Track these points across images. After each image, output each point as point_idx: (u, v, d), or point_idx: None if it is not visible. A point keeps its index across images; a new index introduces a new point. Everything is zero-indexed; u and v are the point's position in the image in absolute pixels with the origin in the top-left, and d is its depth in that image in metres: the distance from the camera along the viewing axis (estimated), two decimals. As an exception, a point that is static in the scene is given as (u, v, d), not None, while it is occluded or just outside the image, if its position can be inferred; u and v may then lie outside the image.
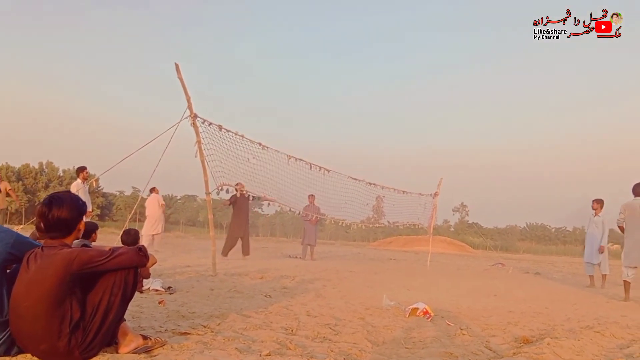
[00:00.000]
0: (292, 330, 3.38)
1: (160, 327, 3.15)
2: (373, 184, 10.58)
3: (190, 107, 6.77)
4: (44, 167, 42.84)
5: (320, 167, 9.12)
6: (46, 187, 39.90)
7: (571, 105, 76.89)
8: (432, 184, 12.43)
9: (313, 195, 11.03)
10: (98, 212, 40.06)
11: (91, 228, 4.01)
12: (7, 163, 39.72)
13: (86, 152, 59.76)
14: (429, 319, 4.11)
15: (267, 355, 2.60)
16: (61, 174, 42.59)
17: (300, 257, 12.39)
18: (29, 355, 2.32)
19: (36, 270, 2.24)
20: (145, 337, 2.59)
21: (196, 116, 6.82)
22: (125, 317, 2.57)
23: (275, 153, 8.22)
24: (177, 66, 6.50)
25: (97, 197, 41.56)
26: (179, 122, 6.80)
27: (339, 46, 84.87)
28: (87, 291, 2.36)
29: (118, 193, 47.43)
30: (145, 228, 12.21)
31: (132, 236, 4.97)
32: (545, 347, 2.98)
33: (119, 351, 2.49)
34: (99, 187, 39.53)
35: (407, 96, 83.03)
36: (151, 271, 5.07)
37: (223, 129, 7.30)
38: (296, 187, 9.12)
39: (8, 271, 2.45)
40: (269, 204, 8.92)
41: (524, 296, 6.67)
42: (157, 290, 4.90)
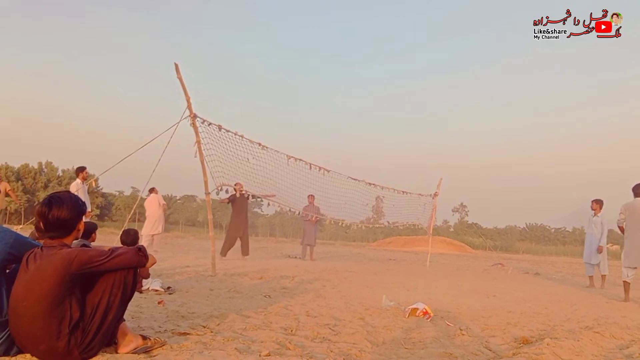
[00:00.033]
0: (292, 330, 3.38)
1: (159, 327, 3.15)
2: (373, 184, 10.58)
3: (189, 107, 6.77)
4: (43, 167, 42.77)
5: (320, 167, 9.11)
6: (45, 187, 39.82)
7: (571, 105, 77.29)
8: (432, 184, 12.45)
9: (312, 195, 11.02)
10: (97, 212, 40.02)
11: (90, 228, 4.01)
12: (7, 163, 39.67)
13: (86, 152, 59.88)
14: (429, 319, 4.11)
15: (267, 355, 2.60)
16: (60, 174, 42.52)
17: (299, 257, 12.38)
18: (29, 355, 2.32)
19: (35, 270, 2.24)
20: (144, 337, 2.59)
21: (195, 116, 6.82)
22: (124, 317, 2.58)
23: (274, 153, 8.22)
24: (177, 66, 6.51)
25: (97, 197, 41.51)
26: (179, 122, 6.80)
27: (339, 46, 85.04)
28: (87, 291, 2.36)
29: (117, 193, 47.42)
30: (145, 228, 12.20)
31: (132, 236, 4.97)
32: (544, 348, 2.98)
33: (119, 351, 2.49)
34: (99, 187, 39.50)
35: (407, 96, 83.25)
36: (150, 271, 5.07)
37: (222, 129, 7.31)
38: (296, 187, 9.12)
39: (7, 271, 2.45)
40: (269, 204, 8.91)
41: (524, 296, 6.67)
42: (157, 290, 4.90)
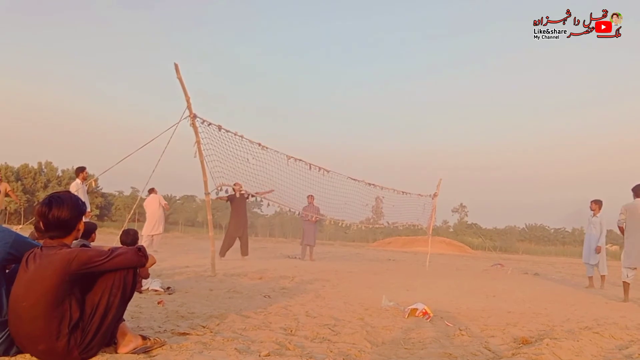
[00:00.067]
0: (291, 330, 3.38)
1: (159, 328, 3.15)
2: (372, 185, 10.57)
3: (189, 107, 6.77)
4: (43, 167, 42.75)
5: (319, 168, 9.11)
6: (45, 187, 39.80)
7: (570, 105, 77.24)
8: (432, 185, 12.45)
9: (312, 195, 11.02)
10: (97, 213, 39.99)
11: (90, 228, 4.01)
12: (6, 163, 39.63)
13: (85, 152, 59.77)
14: (428, 320, 4.12)
15: (267, 355, 2.61)
16: (60, 174, 42.50)
17: (299, 258, 12.38)
18: (28, 355, 2.32)
19: (35, 270, 2.24)
20: (144, 338, 2.60)
21: (195, 116, 6.82)
22: (124, 317, 2.58)
23: (274, 153, 8.23)
24: (177, 66, 6.51)
25: (96, 197, 41.47)
26: (179, 122, 6.81)
27: (339, 46, 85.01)
28: (86, 291, 2.36)
29: (117, 193, 47.38)
30: (145, 229, 12.19)
31: (131, 236, 4.97)
32: (544, 348, 2.98)
33: (118, 351, 2.49)
34: (98, 187, 39.47)
35: (407, 96, 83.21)
36: (150, 271, 5.07)
37: (222, 129, 7.31)
38: (296, 188, 9.12)
39: (7, 271, 2.45)
40: (269, 204, 8.90)
41: (523, 297, 6.68)
42: (156, 290, 4.90)
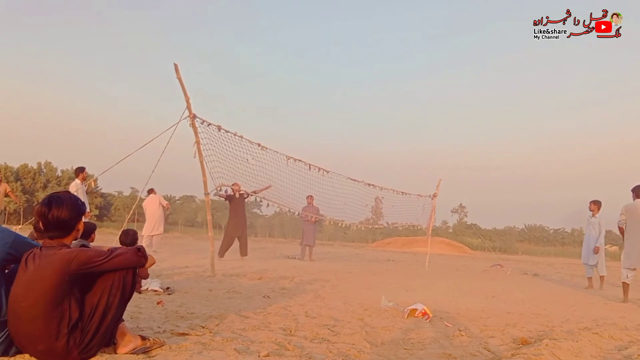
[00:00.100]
0: (291, 331, 3.38)
1: (158, 328, 3.15)
2: (372, 185, 10.57)
3: (189, 107, 6.77)
4: (43, 167, 42.74)
5: (319, 168, 9.11)
6: (44, 187, 39.77)
7: (570, 106, 77.13)
8: (431, 185, 12.46)
9: (312, 196, 11.03)
10: (96, 213, 39.98)
11: (90, 228, 4.00)
12: (6, 163, 39.61)
13: (85, 152, 59.66)
14: (428, 320, 4.11)
15: (266, 356, 2.60)
16: (59, 174, 42.49)
17: (298, 258, 12.38)
18: (27, 355, 2.32)
19: (35, 270, 2.24)
20: (143, 338, 2.59)
21: (195, 116, 6.82)
22: (123, 318, 2.58)
23: (274, 154, 8.23)
24: (176, 66, 6.51)
25: (96, 198, 41.45)
26: (178, 123, 6.80)
27: (339, 46, 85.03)
28: (86, 291, 2.36)
29: (117, 193, 47.38)
30: (146, 229, 12.17)
31: (131, 236, 4.97)
32: (543, 349, 2.98)
33: (118, 351, 2.49)
34: (98, 188, 39.46)
35: (407, 96, 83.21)
36: (149, 272, 5.06)
37: (222, 130, 7.31)
38: (295, 188, 9.12)
39: (6, 271, 2.45)
40: (268, 205, 8.89)
41: (523, 297, 6.68)
42: (156, 290, 4.90)
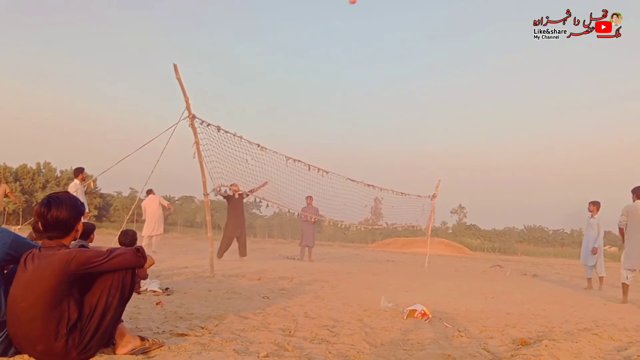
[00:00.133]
0: (290, 331, 3.37)
1: (157, 328, 3.14)
2: (371, 186, 10.57)
3: (188, 108, 6.77)
4: (42, 168, 42.74)
5: (318, 169, 9.11)
6: (44, 188, 39.78)
7: (570, 106, 77.15)
8: (431, 186, 12.45)
9: (311, 196, 11.02)
10: (95, 213, 39.97)
11: (89, 229, 4.01)
12: (5, 163, 39.62)
13: (84, 152, 59.60)
14: (427, 321, 4.11)
15: (265, 356, 2.60)
16: (58, 175, 42.49)
17: (298, 259, 12.38)
18: (26, 356, 2.31)
19: (34, 270, 2.23)
20: (142, 338, 2.59)
21: (194, 117, 6.82)
22: (122, 318, 2.57)
23: (273, 154, 8.22)
24: (176, 67, 6.51)
25: (95, 198, 41.44)
26: (177, 123, 6.80)
27: (339, 46, 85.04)
28: (85, 292, 2.35)
29: (116, 194, 47.38)
30: (146, 229, 12.16)
31: (130, 237, 4.96)
32: (543, 349, 2.98)
33: (117, 352, 2.49)
34: (97, 188, 39.43)
35: (407, 96, 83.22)
36: (149, 272, 5.06)
37: (221, 130, 7.31)
38: (295, 189, 9.11)
39: (5, 272, 2.44)
40: (268, 205, 8.88)
41: (522, 298, 6.68)
42: (155, 291, 4.89)
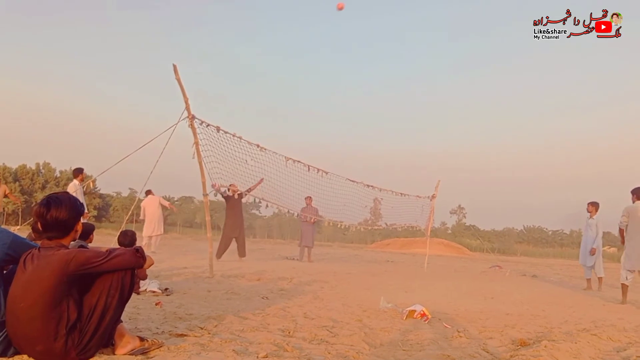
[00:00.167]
0: (290, 332, 3.37)
1: (157, 329, 3.14)
2: (371, 186, 10.57)
3: (188, 108, 6.76)
4: (41, 168, 42.72)
5: (318, 169, 9.11)
6: (43, 188, 39.76)
7: (569, 107, 77.20)
8: (430, 187, 12.45)
9: (310, 197, 11.02)
10: (95, 214, 39.94)
11: (88, 229, 4.00)
12: (4, 164, 39.63)
13: (84, 152, 59.57)
14: (426, 321, 4.11)
15: (264, 357, 2.60)
16: (58, 175, 42.48)
17: (297, 259, 12.38)
18: (26, 356, 2.31)
19: (33, 271, 2.23)
20: (142, 339, 2.59)
21: (194, 117, 6.82)
22: (122, 319, 2.57)
23: (273, 155, 8.22)
24: (175, 67, 6.51)
25: (94, 198, 41.42)
26: (177, 123, 6.80)
27: (339, 46, 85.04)
28: (84, 292, 2.35)
29: (115, 194, 47.34)
30: (146, 230, 12.14)
31: (129, 237, 4.95)
32: (542, 350, 2.98)
33: (116, 352, 2.49)
34: (96, 188, 39.40)
35: (406, 97, 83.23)
36: (148, 272, 5.06)
37: (221, 130, 7.30)
38: (294, 189, 9.11)
39: (5, 272, 2.44)
40: (267, 206, 8.87)
41: (521, 299, 6.68)
42: (154, 291, 4.89)
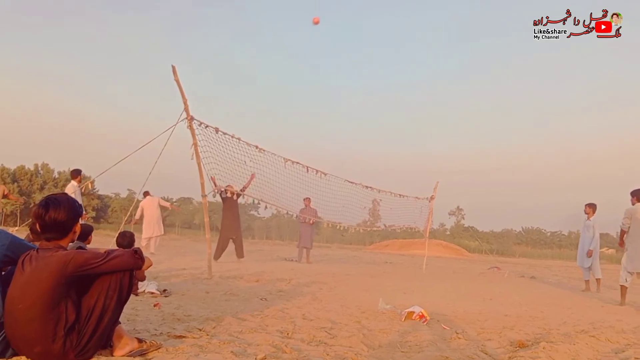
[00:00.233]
0: (288, 333, 3.37)
1: (155, 330, 3.14)
2: (370, 188, 10.57)
3: (186, 109, 6.76)
4: (39, 169, 42.64)
5: (317, 170, 9.11)
6: (41, 189, 39.67)
7: (569, 109, 77.19)
8: (429, 188, 12.45)
9: (309, 198, 11.01)
10: (93, 215, 39.87)
11: (87, 230, 4.00)
12: (3, 165, 39.55)
13: (83, 153, 59.42)
14: (425, 323, 4.12)
15: (263, 358, 2.60)
16: (56, 176, 42.40)
17: (296, 260, 12.37)
18: (24, 357, 2.31)
19: (31, 272, 2.23)
20: (140, 340, 2.59)
21: (192, 118, 6.82)
22: (120, 320, 2.57)
23: (271, 156, 8.23)
24: (174, 68, 6.51)
25: (93, 199, 41.35)
26: (176, 124, 6.80)
27: (340, 48, 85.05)
28: (83, 294, 2.35)
29: (114, 195, 47.24)
30: (145, 231, 12.12)
31: (128, 238, 4.95)
32: (540, 351, 2.99)
33: (114, 354, 2.49)
34: (95, 189, 39.35)
35: (404, 99, 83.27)
36: (146, 274, 5.05)
37: (220, 132, 7.30)
38: (293, 190, 9.11)
39: (3, 273, 2.44)
40: (266, 207, 8.86)
41: (520, 300, 6.69)
42: (153, 293, 4.89)
